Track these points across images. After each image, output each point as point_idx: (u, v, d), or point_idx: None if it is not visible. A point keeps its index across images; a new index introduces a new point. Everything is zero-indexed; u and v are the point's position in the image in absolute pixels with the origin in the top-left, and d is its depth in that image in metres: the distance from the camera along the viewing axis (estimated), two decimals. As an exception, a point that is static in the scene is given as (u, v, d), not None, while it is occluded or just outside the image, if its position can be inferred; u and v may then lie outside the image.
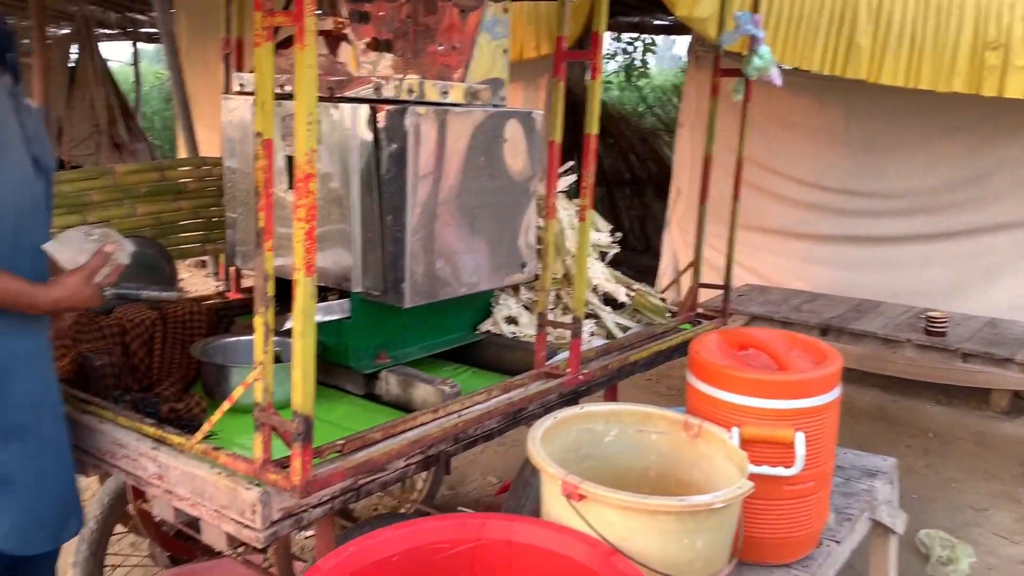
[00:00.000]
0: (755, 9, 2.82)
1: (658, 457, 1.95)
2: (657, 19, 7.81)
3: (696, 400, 1.99)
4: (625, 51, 9.85)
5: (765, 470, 1.86)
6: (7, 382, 1.68)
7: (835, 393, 1.96)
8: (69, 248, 1.77)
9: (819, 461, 1.94)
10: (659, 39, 9.90)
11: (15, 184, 1.67)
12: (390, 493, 3.34)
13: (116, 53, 14.01)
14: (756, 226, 5.35)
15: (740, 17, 2.71)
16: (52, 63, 7.67)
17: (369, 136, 2.06)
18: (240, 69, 2.89)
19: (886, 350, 4.16)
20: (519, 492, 2.27)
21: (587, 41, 6.79)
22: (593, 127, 2.12)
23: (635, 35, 9.48)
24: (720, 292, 3.06)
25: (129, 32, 12.81)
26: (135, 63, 13.85)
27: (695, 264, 2.98)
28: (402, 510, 3.26)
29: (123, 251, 1.82)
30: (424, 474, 3.24)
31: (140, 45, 13.74)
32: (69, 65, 8.85)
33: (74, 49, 8.89)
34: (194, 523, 2.35)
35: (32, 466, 1.72)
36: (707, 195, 2.96)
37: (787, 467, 1.87)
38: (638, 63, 9.79)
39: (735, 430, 1.87)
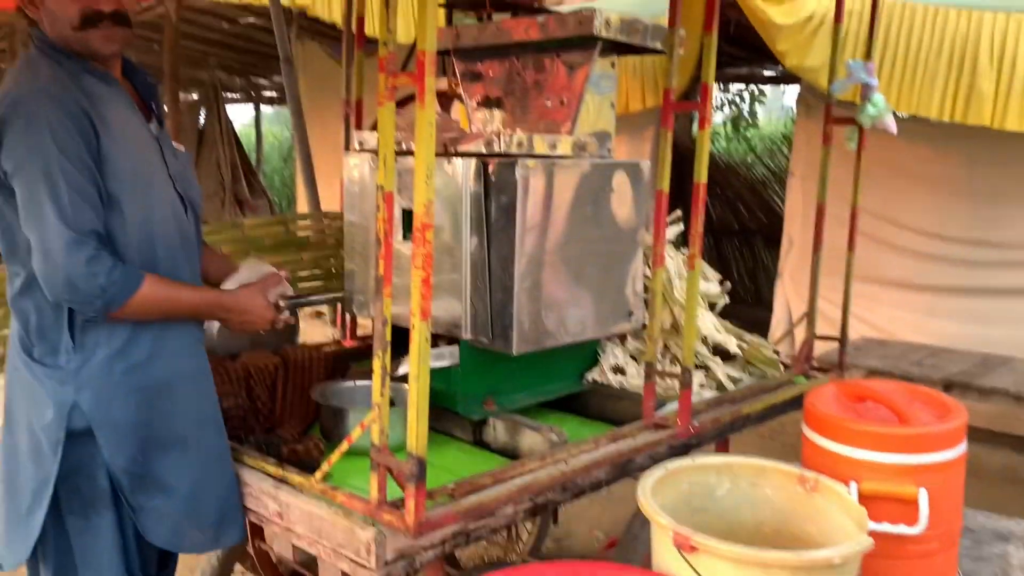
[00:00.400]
0: (868, 57, 2.79)
1: (772, 512, 1.89)
2: (766, 69, 7.77)
3: (812, 453, 1.93)
4: (733, 102, 9.80)
5: (886, 527, 1.78)
6: (171, 399, 1.83)
7: (961, 448, 1.88)
8: (250, 275, 1.98)
9: (944, 520, 1.85)
10: (767, 89, 9.82)
11: (164, 219, 1.83)
12: (496, 543, 3.35)
13: (239, 115, 14.88)
14: (872, 277, 5.18)
15: (853, 65, 2.68)
16: (183, 126, 8.23)
17: (480, 189, 2.13)
18: (359, 128, 3.04)
19: (1018, 408, 3.92)
20: (629, 544, 2.24)
21: (694, 92, 6.81)
22: (702, 176, 2.12)
23: (743, 85, 9.44)
24: (835, 345, 2.98)
25: (252, 96, 13.63)
26: (257, 124, 14.69)
27: (809, 315, 2.91)
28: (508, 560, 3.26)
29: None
30: (530, 525, 3.24)
31: (262, 108, 14.56)
32: (198, 127, 9.47)
33: (202, 112, 9.52)
34: (309, 564, 2.42)
35: (191, 475, 1.84)
36: (820, 245, 2.90)
37: (909, 525, 1.79)
38: (746, 113, 9.72)
39: (853, 485, 1.80)
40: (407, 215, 2.22)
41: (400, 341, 1.71)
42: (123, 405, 1.77)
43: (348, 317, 2.93)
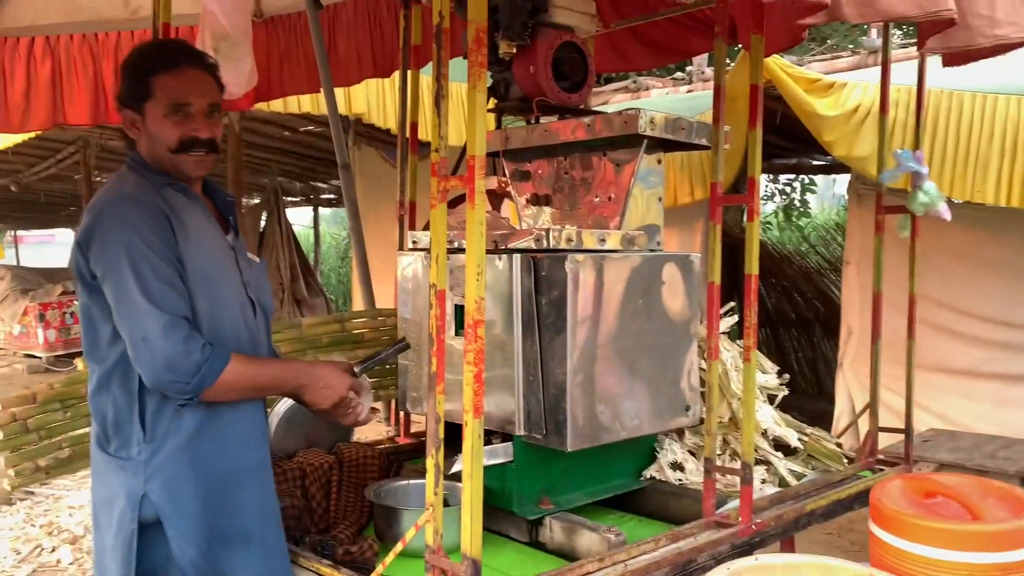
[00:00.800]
0: (916, 146, 2.79)
1: (842, 615, 1.80)
2: (815, 159, 7.79)
3: (881, 552, 1.85)
4: (783, 191, 9.81)
5: (965, 633, 1.68)
6: (236, 491, 1.86)
7: (1043, 548, 1.77)
8: None
9: (1029, 625, 1.74)
10: (818, 178, 9.82)
11: (234, 320, 1.91)
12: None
13: (298, 217, 15.38)
14: (937, 366, 5.02)
15: (900, 155, 2.68)
16: (245, 228, 8.53)
17: (530, 283, 2.15)
18: (413, 228, 3.12)
19: (1104, 502, 3.70)
20: (691, 650, 2.14)
21: (742, 184, 6.86)
22: (753, 267, 2.12)
23: (792, 176, 9.46)
24: (901, 437, 2.88)
25: (310, 198, 14.10)
26: (315, 226, 15.13)
27: (872, 406, 2.84)
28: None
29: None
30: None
31: (320, 209, 15.03)
32: (259, 230, 9.80)
33: (263, 216, 9.87)
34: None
35: (253, 569, 1.85)
36: (878, 334, 2.84)
37: (992, 631, 1.69)
38: (797, 203, 9.70)
39: (928, 586, 1.71)
40: (459, 311, 2.25)
41: (454, 438, 1.71)
42: (191, 495, 1.81)
43: (402, 414, 2.94)
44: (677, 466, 2.51)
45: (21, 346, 12.48)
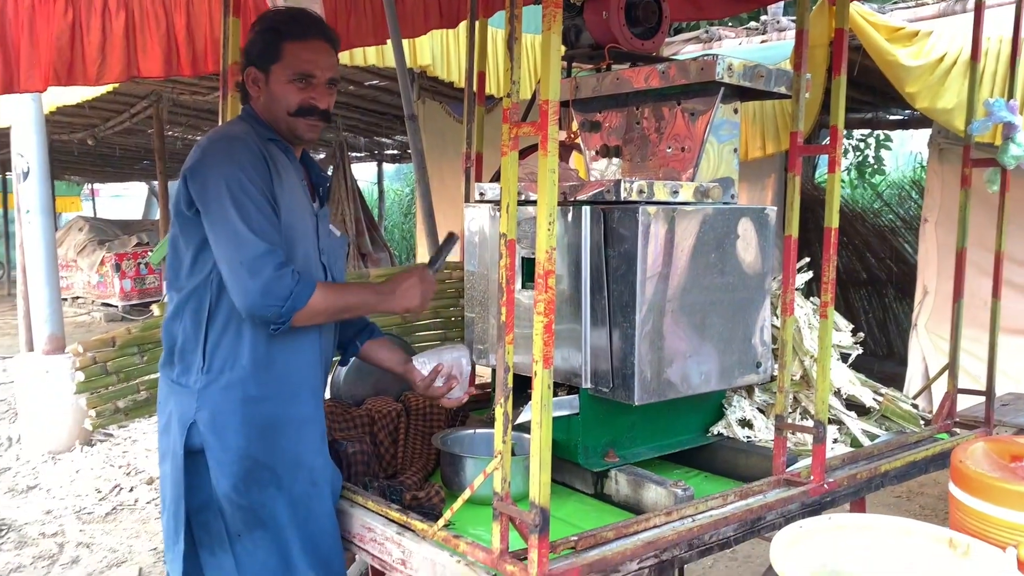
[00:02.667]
0: (1010, 95, 2.64)
1: (918, 577, 1.76)
2: (892, 114, 7.51)
3: (962, 515, 1.79)
4: (857, 147, 9.48)
5: (1050, 600, 1.62)
6: (278, 438, 1.93)
7: None
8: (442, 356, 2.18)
9: (1121, 595, 1.67)
10: (893, 134, 9.46)
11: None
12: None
13: (363, 173, 15.52)
14: (1016, 329, 4.83)
15: (992, 104, 2.54)
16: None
17: (600, 236, 2.12)
18: (479, 180, 3.10)
19: None
20: (757, 607, 2.12)
21: (815, 139, 6.64)
22: (833, 221, 2.05)
23: (867, 131, 9.13)
24: (976, 400, 2.78)
25: (375, 154, 14.17)
26: (379, 181, 15.23)
27: (951, 367, 2.73)
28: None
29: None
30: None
31: (383, 165, 15.12)
32: (325, 185, 9.91)
33: (329, 171, 9.97)
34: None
35: (281, 512, 1.92)
36: (961, 293, 2.73)
37: (1079, 598, 1.62)
38: (871, 159, 9.38)
39: (1011, 551, 1.65)
40: (526, 264, 2.23)
41: (519, 390, 1.70)
42: (234, 431, 1.89)
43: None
44: (745, 423, 2.47)
45: (99, 295, 12.95)
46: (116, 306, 12.29)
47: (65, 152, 11.79)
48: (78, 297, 13.26)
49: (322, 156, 10.83)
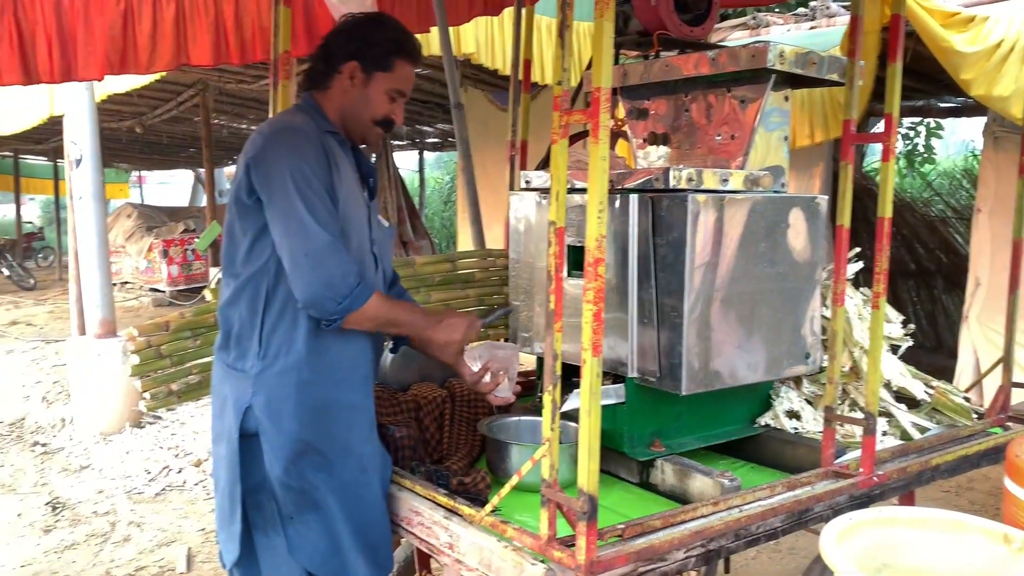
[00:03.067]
0: (1071, 80, 2.57)
1: (971, 572, 1.73)
2: (944, 102, 7.34)
3: (1017, 511, 1.76)
4: (906, 136, 9.28)
5: (1111, 600, 1.59)
6: (331, 423, 1.96)
7: None
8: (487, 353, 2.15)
9: None
10: (944, 122, 9.24)
11: (361, 267, 2.00)
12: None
13: (404, 162, 15.60)
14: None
15: (1053, 90, 2.47)
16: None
17: (648, 224, 2.11)
18: (524, 168, 3.10)
19: None
20: (804, 599, 2.11)
21: (865, 127, 6.51)
22: (887, 210, 2.01)
23: (917, 119, 8.93)
24: (1031, 394, 2.71)
25: (415, 142, 14.22)
26: (420, 170, 15.28)
27: (1006, 360, 2.68)
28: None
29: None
30: (695, 574, 3.11)
31: (424, 154, 15.17)
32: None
33: (372, 159, 10.05)
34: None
35: (329, 496, 1.94)
36: (1017, 284, 2.66)
37: None
38: (921, 148, 9.17)
39: (1070, 549, 1.62)
40: (572, 252, 2.23)
41: (565, 378, 1.70)
42: (289, 415, 1.92)
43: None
44: (793, 414, 2.45)
45: (146, 280, 13.22)
46: (163, 291, 12.54)
47: (114, 140, 12.02)
48: (126, 282, 13.55)
49: (364, 145, 10.92)
